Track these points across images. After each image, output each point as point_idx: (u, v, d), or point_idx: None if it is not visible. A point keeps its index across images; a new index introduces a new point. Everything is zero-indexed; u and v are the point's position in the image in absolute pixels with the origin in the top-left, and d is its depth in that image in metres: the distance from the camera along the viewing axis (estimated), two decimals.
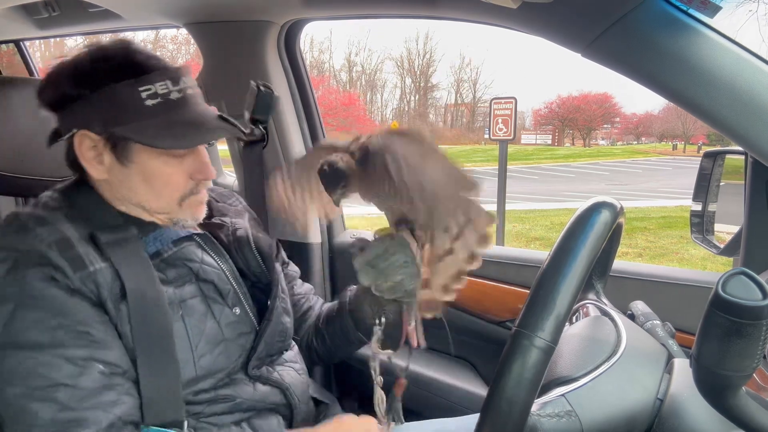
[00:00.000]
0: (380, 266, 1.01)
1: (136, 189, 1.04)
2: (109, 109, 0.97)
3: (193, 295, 1.05)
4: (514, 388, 0.73)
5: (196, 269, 1.08)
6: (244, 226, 1.24)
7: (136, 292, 0.97)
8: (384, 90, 52.62)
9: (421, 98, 52.28)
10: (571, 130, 44.73)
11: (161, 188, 1.04)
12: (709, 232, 1.47)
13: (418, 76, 51.66)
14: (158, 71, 0.99)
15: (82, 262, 0.94)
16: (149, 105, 0.98)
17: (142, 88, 0.97)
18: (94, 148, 1.01)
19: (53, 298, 0.91)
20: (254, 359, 1.10)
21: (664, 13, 1.05)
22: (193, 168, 1.06)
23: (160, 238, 1.07)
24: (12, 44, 2.45)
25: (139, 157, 1.01)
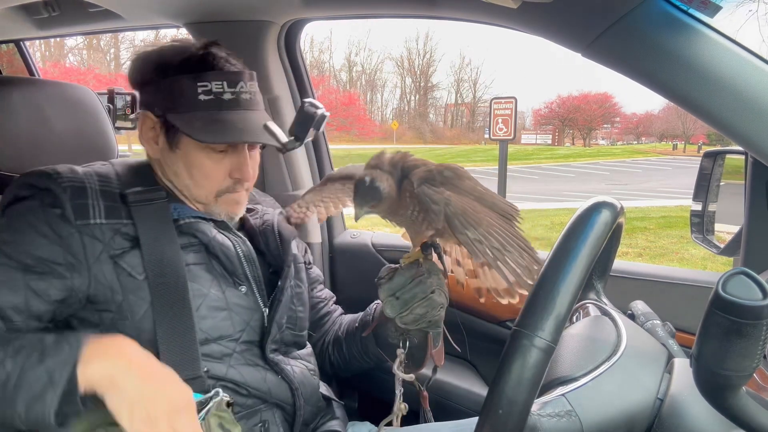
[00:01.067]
0: (404, 298, 1.04)
1: (180, 174, 1.14)
2: (169, 97, 1.09)
3: (198, 262, 1.10)
4: (514, 388, 0.73)
5: (205, 241, 1.12)
6: (274, 214, 1.29)
7: (155, 252, 1.05)
8: (384, 90, 52.67)
9: (421, 98, 52.32)
10: (571, 130, 44.76)
11: (201, 179, 1.13)
12: (710, 232, 1.47)
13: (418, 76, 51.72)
14: (219, 71, 1.09)
15: (86, 212, 1.03)
16: (202, 99, 1.07)
17: (200, 83, 1.07)
18: (152, 129, 1.14)
19: (33, 230, 1.01)
20: (270, 342, 1.13)
21: (665, 13, 1.05)
22: (233, 167, 1.14)
23: (181, 210, 1.13)
24: (12, 44, 2.45)
25: (185, 146, 1.11)
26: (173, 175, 1.15)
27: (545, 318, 0.74)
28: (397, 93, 52.45)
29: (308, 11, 1.72)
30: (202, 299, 1.07)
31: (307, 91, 1.95)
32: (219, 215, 1.17)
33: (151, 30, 2.04)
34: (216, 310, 1.08)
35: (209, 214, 1.16)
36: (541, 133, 42.38)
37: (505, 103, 7.65)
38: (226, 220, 1.18)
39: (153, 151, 1.16)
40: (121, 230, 1.05)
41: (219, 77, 1.08)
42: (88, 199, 1.04)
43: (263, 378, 1.10)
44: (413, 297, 1.04)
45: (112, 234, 1.04)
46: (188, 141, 1.10)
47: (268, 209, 1.32)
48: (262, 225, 1.25)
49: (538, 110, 47.39)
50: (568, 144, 43.62)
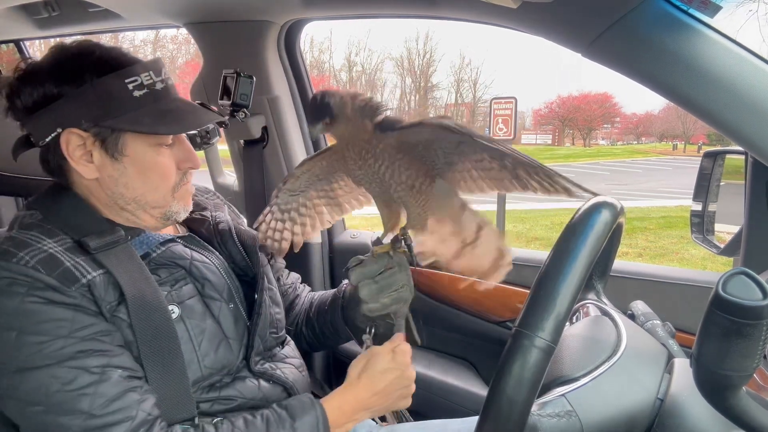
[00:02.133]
0: (381, 283, 1.07)
1: (132, 184, 1.03)
2: (98, 103, 0.96)
3: (190, 295, 1.05)
4: (515, 387, 0.73)
5: (188, 267, 1.07)
6: (225, 219, 1.23)
7: (136, 295, 0.96)
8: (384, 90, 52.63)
9: (421, 98, 52.29)
10: (571, 130, 44.73)
11: (157, 180, 1.04)
12: (710, 232, 1.48)
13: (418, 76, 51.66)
14: (139, 63, 1.00)
15: (72, 275, 0.92)
16: (137, 96, 0.98)
17: (128, 80, 0.97)
18: (81, 146, 0.99)
19: (57, 320, 0.89)
20: (254, 355, 1.10)
21: (665, 13, 1.05)
22: (180, 157, 1.07)
23: (146, 242, 1.06)
24: (12, 44, 2.45)
25: (133, 150, 1.01)
26: (123, 187, 1.03)
27: (545, 318, 0.74)
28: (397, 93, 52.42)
29: (308, 11, 1.71)
30: (201, 335, 1.03)
31: (306, 91, 1.95)
32: (180, 215, 1.10)
33: (151, 30, 2.03)
34: (215, 342, 1.05)
35: (166, 218, 1.08)
36: (541, 133, 42.35)
37: (505, 103, 7.63)
38: (185, 215, 1.11)
39: (89, 172, 1.01)
40: (106, 281, 0.95)
41: (144, 69, 0.99)
42: (65, 263, 0.93)
43: (257, 387, 1.09)
44: (393, 282, 1.09)
45: (105, 286, 0.95)
46: (135, 144, 1.00)
47: (217, 213, 1.24)
48: (218, 235, 1.20)
49: (538, 110, 47.35)
50: (568, 144, 43.60)
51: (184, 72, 30.95)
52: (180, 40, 35.95)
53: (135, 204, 1.05)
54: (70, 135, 0.98)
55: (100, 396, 0.89)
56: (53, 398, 0.87)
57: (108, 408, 0.89)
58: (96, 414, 0.88)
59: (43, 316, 0.89)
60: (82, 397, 0.88)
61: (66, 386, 0.88)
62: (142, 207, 1.05)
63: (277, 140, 1.90)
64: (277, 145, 1.90)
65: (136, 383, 0.93)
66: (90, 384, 0.89)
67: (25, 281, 0.89)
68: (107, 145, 0.99)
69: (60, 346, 0.88)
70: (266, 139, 1.91)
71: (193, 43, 1.90)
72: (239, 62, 1.83)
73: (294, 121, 1.92)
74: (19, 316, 0.88)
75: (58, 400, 0.87)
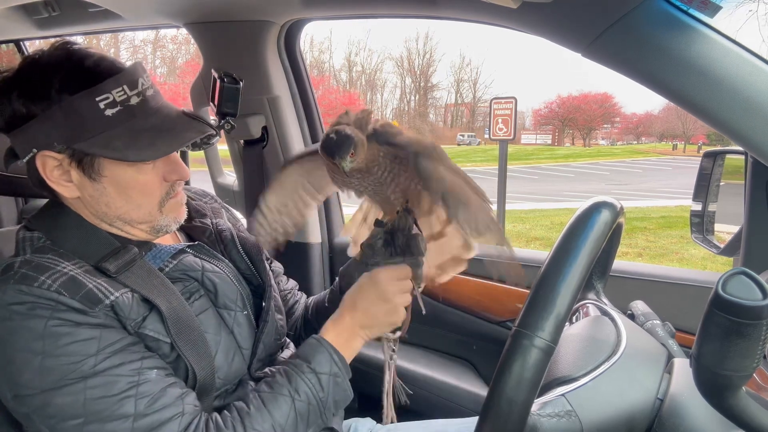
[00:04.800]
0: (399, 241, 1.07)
1: (113, 203, 0.98)
2: (67, 125, 0.91)
3: (204, 309, 1.03)
4: (514, 388, 0.73)
5: (200, 278, 1.05)
6: (227, 226, 1.21)
7: (170, 310, 0.95)
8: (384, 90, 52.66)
9: (421, 98, 52.30)
10: (571, 130, 44.75)
11: (139, 198, 0.99)
12: (709, 232, 1.48)
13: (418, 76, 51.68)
14: (112, 78, 0.92)
15: (95, 296, 0.89)
16: (109, 115, 0.91)
17: (99, 98, 0.90)
18: (59, 167, 0.94)
19: (84, 340, 0.87)
20: (255, 362, 1.09)
21: (665, 13, 1.05)
22: (166, 170, 1.01)
23: (158, 256, 1.04)
24: (12, 44, 2.45)
25: (110, 171, 0.95)
26: (105, 207, 0.98)
27: (545, 318, 0.74)
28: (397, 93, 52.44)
29: (308, 11, 1.72)
30: (216, 348, 1.02)
31: (306, 90, 1.95)
32: (170, 227, 1.06)
33: (151, 30, 2.03)
34: (230, 354, 1.04)
35: (156, 231, 1.05)
36: (541, 133, 42.35)
37: (505, 103, 7.64)
38: (176, 227, 1.07)
39: (70, 192, 0.96)
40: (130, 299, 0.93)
41: (115, 84, 0.91)
42: (87, 284, 0.90)
43: None
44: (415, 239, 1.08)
45: (129, 304, 0.92)
46: (111, 164, 0.94)
47: (218, 220, 1.21)
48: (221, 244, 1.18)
49: (538, 110, 47.38)
50: (568, 144, 43.62)
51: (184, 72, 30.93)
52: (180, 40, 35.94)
53: (120, 221, 1.01)
54: (44, 157, 0.93)
55: (143, 395, 0.87)
56: (93, 407, 0.85)
57: (154, 405, 0.88)
58: (144, 413, 0.87)
59: (69, 339, 0.86)
60: (124, 400, 0.86)
61: (106, 393, 0.86)
62: (128, 223, 1.02)
63: (277, 140, 1.90)
64: (277, 145, 1.90)
65: (173, 380, 0.93)
66: (130, 387, 0.87)
67: (48, 305, 0.86)
68: (83, 166, 0.94)
69: (92, 364, 0.86)
70: (266, 139, 1.91)
71: (193, 43, 1.90)
72: (239, 62, 1.83)
73: (294, 121, 1.92)
74: (45, 340, 0.85)
75: (98, 408, 0.85)
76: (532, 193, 15.13)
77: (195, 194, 1.26)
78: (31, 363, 0.85)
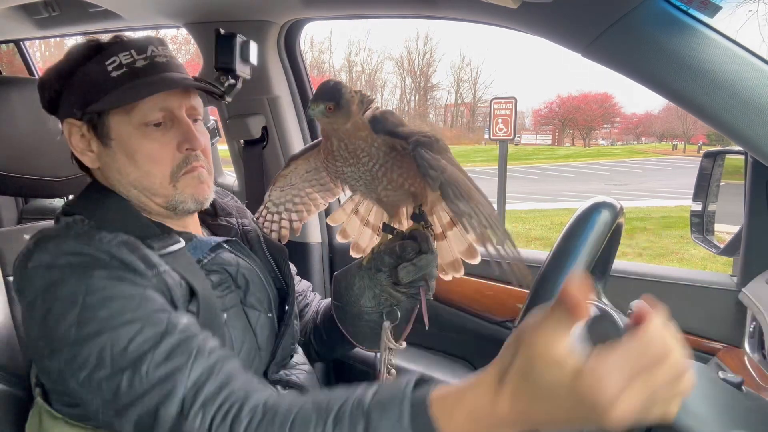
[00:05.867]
0: (419, 264, 1.05)
1: (125, 169, 0.99)
2: (81, 91, 0.97)
3: (233, 304, 1.03)
4: None
5: (234, 274, 1.05)
6: (253, 227, 1.20)
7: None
8: (384, 90, 52.65)
9: (421, 98, 52.30)
10: (571, 130, 44.76)
11: (148, 165, 0.99)
12: (709, 232, 1.48)
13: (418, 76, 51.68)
14: (119, 43, 0.98)
15: (151, 261, 0.90)
16: (115, 76, 0.96)
17: (107, 62, 0.96)
18: (82, 137, 1.00)
19: (127, 297, 0.85)
20: (273, 365, 1.09)
21: (664, 13, 1.05)
22: (178, 139, 1.01)
23: (198, 247, 1.04)
24: (12, 44, 2.45)
25: (117, 133, 0.98)
26: (117, 173, 1.00)
27: None
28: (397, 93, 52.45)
29: (308, 11, 1.72)
30: (241, 347, 1.01)
31: (306, 90, 1.95)
32: (187, 205, 1.03)
33: (151, 30, 2.03)
34: (251, 355, 1.03)
35: (172, 207, 1.03)
36: (541, 133, 42.39)
37: (505, 103, 7.64)
38: (195, 207, 1.04)
39: (91, 161, 1.01)
40: (178, 278, 0.93)
41: (124, 48, 0.97)
42: (144, 249, 0.91)
43: None
44: (426, 264, 1.06)
45: (179, 281, 0.93)
46: (119, 126, 0.97)
47: (243, 220, 1.21)
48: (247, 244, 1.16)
49: (538, 110, 47.43)
50: (568, 144, 43.64)
51: None
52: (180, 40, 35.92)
53: (135, 190, 1.01)
54: (70, 126, 1.00)
55: (164, 345, 0.82)
56: (120, 356, 0.81)
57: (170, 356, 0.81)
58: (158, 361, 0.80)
59: (112, 291, 0.84)
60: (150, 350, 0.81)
61: (132, 343, 0.81)
62: (143, 193, 1.01)
63: (277, 140, 1.90)
64: (277, 145, 1.90)
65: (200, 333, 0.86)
66: (156, 335, 0.82)
67: (104, 260, 0.87)
68: (98, 131, 0.98)
69: (129, 318, 0.83)
70: (266, 139, 1.91)
71: (193, 43, 1.90)
72: None
73: (294, 121, 1.92)
74: (87, 291, 0.84)
75: (124, 357, 0.81)
76: (532, 193, 15.13)
77: (216, 192, 1.22)
78: (70, 314, 0.83)
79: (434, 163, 0.90)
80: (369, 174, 0.99)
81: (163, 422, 0.78)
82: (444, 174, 0.89)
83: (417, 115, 51.01)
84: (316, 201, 1.23)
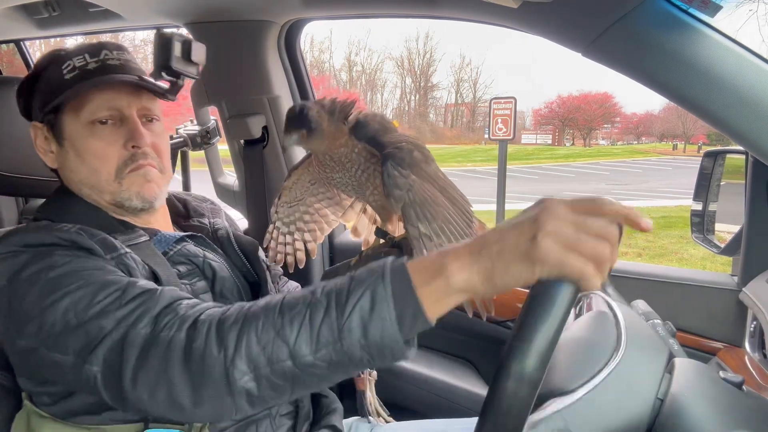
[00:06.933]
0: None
1: (76, 168, 1.04)
2: (43, 94, 1.05)
3: (204, 291, 1.05)
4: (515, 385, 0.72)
5: (201, 264, 1.07)
6: (224, 225, 1.22)
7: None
8: (384, 90, 52.69)
9: (421, 98, 52.35)
10: (571, 130, 44.77)
11: (93, 161, 1.02)
12: (710, 232, 1.48)
13: (419, 76, 51.73)
14: (75, 48, 1.05)
15: (111, 244, 0.93)
16: (68, 78, 1.02)
17: (63, 65, 1.03)
18: (43, 138, 1.06)
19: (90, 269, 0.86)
20: None
21: (665, 13, 1.06)
22: (125, 137, 1.03)
23: (163, 240, 1.06)
24: (12, 44, 2.45)
25: (69, 132, 1.03)
26: (70, 172, 1.05)
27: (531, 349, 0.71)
28: (397, 93, 52.49)
29: (308, 11, 1.72)
30: None
31: (307, 90, 1.95)
32: (132, 202, 1.04)
33: (150, 30, 2.03)
34: None
35: (119, 205, 1.05)
36: (542, 133, 42.42)
37: (505, 103, 7.67)
38: (142, 205, 1.05)
39: (51, 161, 1.07)
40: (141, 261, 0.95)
41: (79, 52, 1.03)
42: (100, 236, 0.94)
43: None
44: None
45: (141, 264, 0.95)
46: (71, 126, 1.03)
47: (215, 220, 1.23)
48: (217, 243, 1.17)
49: (538, 110, 47.44)
50: (569, 144, 43.66)
51: None
52: None
53: (86, 188, 1.05)
54: (35, 129, 1.07)
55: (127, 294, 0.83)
56: (83, 311, 0.82)
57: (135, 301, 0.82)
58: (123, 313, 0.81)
59: (75, 266, 0.87)
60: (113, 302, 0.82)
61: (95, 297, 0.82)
62: (92, 191, 1.05)
63: (278, 140, 1.89)
64: (277, 145, 1.90)
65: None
66: (118, 289, 0.83)
67: (65, 244, 0.91)
68: (54, 131, 1.05)
69: (90, 281, 0.84)
70: (266, 138, 1.91)
71: None
72: (239, 62, 1.83)
73: None
74: (51, 269, 0.86)
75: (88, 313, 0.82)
76: (532, 193, 15.13)
77: (195, 198, 1.29)
78: (34, 288, 0.86)
79: (400, 181, 0.89)
80: (355, 179, 0.99)
81: (135, 343, 0.77)
82: (410, 193, 0.88)
83: (417, 115, 51.05)
84: (328, 218, 1.23)
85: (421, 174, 0.92)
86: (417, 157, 0.94)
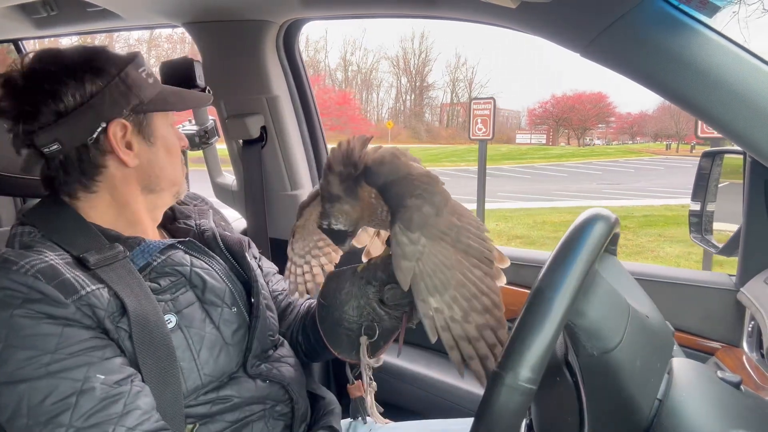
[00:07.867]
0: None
1: (165, 165, 1.11)
2: (129, 92, 1.04)
3: (189, 303, 1.05)
4: None
5: (187, 274, 1.07)
6: (210, 226, 1.23)
7: (137, 309, 0.95)
8: (380, 89, 52.68)
9: (416, 98, 52.33)
10: (565, 130, 44.85)
11: (176, 157, 1.14)
12: (708, 232, 1.48)
13: (414, 76, 51.71)
14: (138, 55, 1.09)
15: (72, 286, 0.92)
16: (151, 82, 1.07)
17: (140, 69, 1.06)
18: (124, 137, 1.05)
19: (45, 335, 0.88)
20: (251, 358, 1.10)
21: (663, 13, 1.06)
22: (179, 137, 1.17)
23: (146, 251, 1.05)
24: (11, 44, 2.44)
25: (158, 131, 1.09)
26: (159, 170, 1.10)
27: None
28: (393, 93, 52.47)
29: (307, 11, 1.72)
30: (200, 344, 1.02)
31: (305, 90, 1.95)
32: (184, 191, 1.19)
33: (147, 30, 2.03)
34: (216, 350, 1.05)
35: (179, 195, 1.17)
36: (536, 132, 42.52)
37: (484, 104, 7.76)
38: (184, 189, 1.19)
39: (131, 160, 1.06)
40: (107, 294, 0.95)
41: (141, 59, 1.09)
42: (65, 274, 0.93)
43: (254, 386, 1.09)
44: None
45: (108, 298, 0.95)
46: (162, 126, 1.10)
47: (202, 221, 1.25)
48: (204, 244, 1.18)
49: (532, 110, 47.48)
50: (563, 144, 43.73)
51: None
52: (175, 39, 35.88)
53: (167, 183, 1.13)
54: (116, 126, 1.03)
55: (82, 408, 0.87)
56: (36, 410, 0.86)
57: (89, 421, 0.86)
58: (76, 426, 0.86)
59: (32, 331, 0.88)
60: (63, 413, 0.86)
61: (48, 398, 0.86)
62: (169, 187, 1.13)
63: (276, 140, 1.90)
64: (276, 144, 1.90)
65: (122, 389, 0.90)
66: (72, 394, 0.87)
67: (20, 293, 0.89)
68: (143, 129, 1.07)
69: (46, 362, 0.87)
70: (265, 138, 1.91)
71: (188, 43, 1.91)
72: (238, 62, 1.83)
73: (293, 120, 1.92)
74: (8, 329, 0.87)
75: (40, 412, 0.86)
76: (522, 192, 15.16)
77: (186, 196, 1.31)
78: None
79: (408, 249, 0.84)
80: (380, 219, 0.96)
81: None
82: (419, 262, 0.84)
83: (413, 114, 51.05)
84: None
85: (432, 233, 0.86)
86: (427, 213, 0.87)
